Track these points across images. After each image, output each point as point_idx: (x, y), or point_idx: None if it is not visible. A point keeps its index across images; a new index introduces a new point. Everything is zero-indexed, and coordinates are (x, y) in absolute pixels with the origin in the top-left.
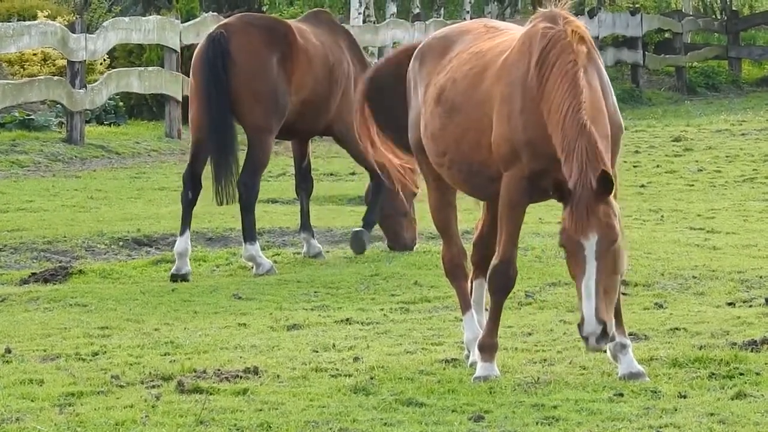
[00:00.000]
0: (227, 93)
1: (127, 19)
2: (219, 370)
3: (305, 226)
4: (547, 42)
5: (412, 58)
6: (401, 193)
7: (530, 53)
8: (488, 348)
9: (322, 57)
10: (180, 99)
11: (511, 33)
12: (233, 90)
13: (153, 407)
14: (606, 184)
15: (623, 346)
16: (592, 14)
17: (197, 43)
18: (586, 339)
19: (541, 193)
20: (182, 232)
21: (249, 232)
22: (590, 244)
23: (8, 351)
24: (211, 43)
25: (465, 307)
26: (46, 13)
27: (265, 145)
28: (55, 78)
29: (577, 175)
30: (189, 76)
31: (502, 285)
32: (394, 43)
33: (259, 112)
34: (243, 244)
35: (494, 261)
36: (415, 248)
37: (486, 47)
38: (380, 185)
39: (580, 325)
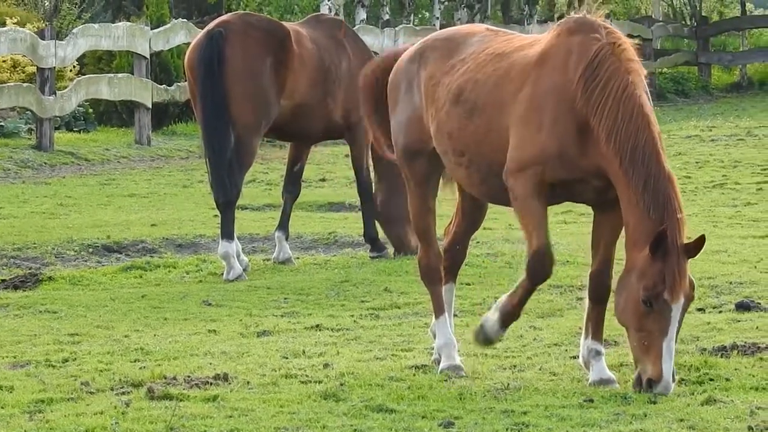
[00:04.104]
0: (221, 91)
1: (96, 25)
2: (189, 376)
3: (283, 226)
4: (594, 55)
5: (406, 60)
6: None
7: (567, 63)
8: (510, 315)
9: (317, 61)
10: (150, 106)
11: (526, 37)
12: (225, 88)
13: (123, 414)
14: (701, 247)
15: (597, 353)
16: (561, 20)
17: (166, 50)
18: (654, 393)
19: (568, 198)
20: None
21: (226, 230)
22: (677, 306)
23: None
24: (209, 40)
25: (438, 311)
26: (15, 20)
27: (250, 145)
28: (25, 85)
29: (670, 234)
30: (159, 83)
31: (539, 275)
32: None
33: (247, 112)
34: (219, 241)
35: (526, 255)
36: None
37: (508, 48)
38: (369, 194)
39: (653, 381)
